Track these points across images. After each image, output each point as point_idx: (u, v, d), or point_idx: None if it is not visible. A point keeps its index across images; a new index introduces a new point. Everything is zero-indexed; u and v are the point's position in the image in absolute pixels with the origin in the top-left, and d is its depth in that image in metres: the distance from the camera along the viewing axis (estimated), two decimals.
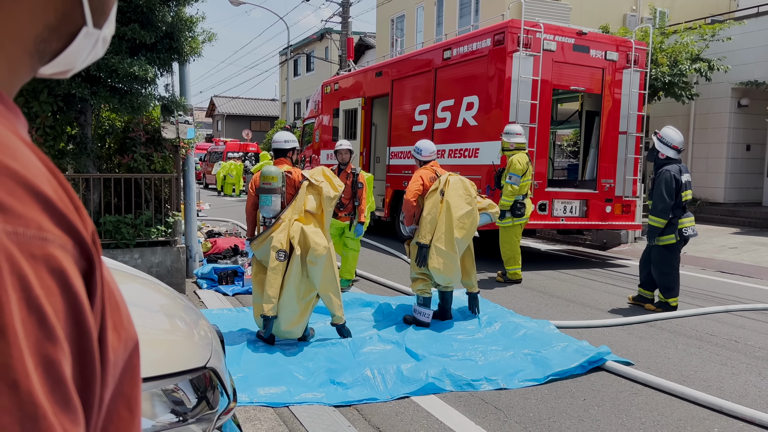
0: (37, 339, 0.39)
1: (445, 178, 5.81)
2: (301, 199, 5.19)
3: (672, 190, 6.44)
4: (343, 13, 22.54)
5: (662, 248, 6.63)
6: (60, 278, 0.42)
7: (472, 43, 9.84)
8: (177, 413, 1.87)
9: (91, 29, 0.52)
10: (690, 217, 6.62)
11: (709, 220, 14.43)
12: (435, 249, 5.58)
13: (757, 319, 6.37)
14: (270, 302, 4.96)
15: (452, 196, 5.65)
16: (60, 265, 0.42)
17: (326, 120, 14.85)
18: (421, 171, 6.07)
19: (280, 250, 5.02)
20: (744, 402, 4.15)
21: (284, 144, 5.88)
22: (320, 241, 5.01)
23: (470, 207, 5.66)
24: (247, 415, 3.80)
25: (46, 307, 0.40)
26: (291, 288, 4.99)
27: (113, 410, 0.50)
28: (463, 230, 5.59)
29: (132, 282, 2.61)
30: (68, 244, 0.44)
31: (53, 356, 0.40)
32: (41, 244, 0.41)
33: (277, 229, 5.09)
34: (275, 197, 5.49)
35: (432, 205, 5.70)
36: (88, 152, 6.73)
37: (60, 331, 0.41)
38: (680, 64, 13.08)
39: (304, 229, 5.02)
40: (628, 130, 10.05)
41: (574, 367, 4.66)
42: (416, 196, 5.88)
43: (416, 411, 4.02)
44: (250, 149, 28.57)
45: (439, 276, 5.65)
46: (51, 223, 0.43)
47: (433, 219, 5.66)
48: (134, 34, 6.04)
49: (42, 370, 0.39)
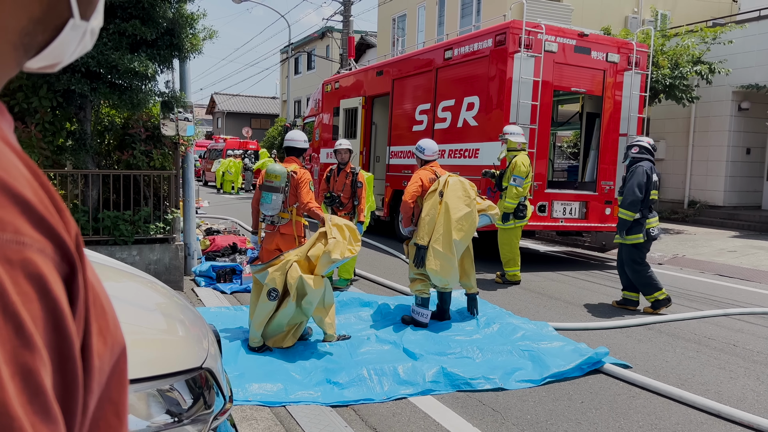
0: (14, 347, 0.38)
1: (444, 179, 5.77)
2: (310, 243, 4.93)
3: (643, 185, 6.53)
4: (344, 12, 22.53)
5: (631, 247, 6.71)
6: (38, 284, 0.41)
7: (474, 44, 9.82)
8: (172, 414, 1.85)
9: (78, 21, 0.50)
10: (656, 217, 6.72)
11: (709, 223, 14.42)
12: (433, 250, 5.56)
13: (756, 323, 6.36)
14: (255, 335, 4.92)
15: (451, 197, 5.62)
16: (38, 270, 0.41)
17: (326, 118, 14.84)
18: (421, 172, 6.04)
19: (273, 288, 4.82)
20: (742, 406, 4.13)
21: (302, 144, 5.81)
22: (316, 287, 4.75)
23: (469, 209, 5.63)
24: (244, 415, 3.78)
25: (23, 314, 0.39)
26: (281, 320, 4.94)
27: (100, 416, 0.49)
28: (461, 232, 5.57)
29: (128, 280, 2.59)
30: (48, 248, 0.43)
31: (31, 365, 0.38)
32: (18, 248, 0.40)
33: (277, 266, 4.88)
34: (276, 196, 5.46)
35: (431, 206, 5.68)
36: (87, 148, 6.71)
37: (38, 339, 0.39)
38: (681, 67, 13.06)
39: (303, 278, 4.70)
40: (629, 132, 10.03)
41: (571, 368, 4.65)
42: (414, 197, 5.85)
43: (413, 412, 4.00)
44: (250, 147, 28.53)
45: (437, 277, 5.63)
46: (29, 227, 0.41)
47: (431, 220, 5.63)
48: (135, 30, 6.02)
49: (19, 379, 0.37)
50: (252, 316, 5.04)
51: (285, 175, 5.49)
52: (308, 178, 5.60)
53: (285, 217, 5.61)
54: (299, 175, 5.56)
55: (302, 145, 5.77)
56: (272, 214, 5.54)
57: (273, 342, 5.02)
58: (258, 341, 4.94)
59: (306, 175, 5.60)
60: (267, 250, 5.67)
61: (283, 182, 5.47)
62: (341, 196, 7.49)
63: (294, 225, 5.63)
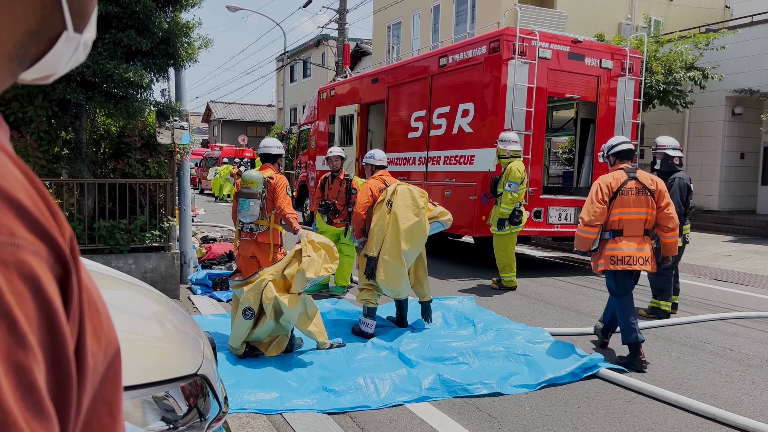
0: (8, 345, 0.39)
1: (392, 188, 5.68)
2: (285, 261, 4.79)
3: (686, 198, 6.59)
4: (339, 20, 22.61)
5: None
6: (32, 284, 0.42)
7: (468, 51, 9.87)
8: (167, 420, 1.86)
9: (71, 34, 0.51)
10: (688, 225, 6.79)
11: (704, 228, 14.48)
12: (382, 261, 5.50)
13: (751, 327, 6.38)
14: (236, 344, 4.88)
15: (400, 206, 5.52)
16: (32, 272, 0.42)
17: (322, 126, 14.87)
18: (370, 182, 6.01)
19: (249, 307, 4.72)
20: (737, 410, 4.15)
21: (276, 150, 5.87)
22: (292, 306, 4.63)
23: (417, 218, 5.50)
24: (240, 423, 3.78)
25: (17, 313, 0.40)
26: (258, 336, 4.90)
27: (94, 416, 0.50)
28: (410, 242, 5.47)
29: (124, 288, 2.60)
30: (42, 250, 0.44)
31: (24, 363, 0.40)
32: (13, 250, 0.41)
33: (252, 284, 4.76)
34: (253, 202, 5.44)
35: (379, 216, 5.61)
36: (82, 157, 6.71)
37: (32, 338, 0.41)
38: (675, 73, 13.15)
39: (278, 298, 4.59)
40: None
41: (567, 373, 4.67)
42: (365, 208, 5.80)
43: (410, 418, 4.00)
44: (246, 155, 28.54)
45: (387, 288, 5.60)
46: (24, 230, 0.43)
47: (380, 231, 5.56)
48: (130, 40, 6.04)
49: (12, 376, 0.39)
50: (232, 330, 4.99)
51: (261, 180, 5.50)
52: (285, 183, 5.63)
53: (263, 224, 5.60)
54: (276, 180, 5.58)
55: (276, 151, 5.84)
56: (250, 221, 5.53)
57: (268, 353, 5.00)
58: (239, 350, 4.91)
59: (282, 180, 5.63)
60: (243, 257, 5.66)
61: (260, 188, 5.47)
62: (336, 203, 7.51)
63: (271, 233, 5.62)
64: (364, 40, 30.02)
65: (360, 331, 5.72)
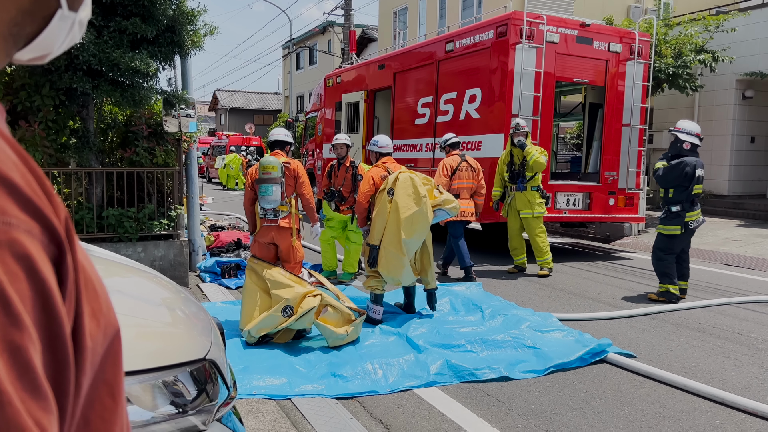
0: (2, 325, 0.39)
1: (394, 176, 5.61)
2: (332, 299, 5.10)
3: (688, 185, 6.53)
4: (345, 6, 22.48)
5: (665, 236, 6.72)
6: (26, 263, 0.41)
7: (475, 36, 9.79)
8: (177, 405, 1.88)
9: (66, 12, 0.51)
10: (697, 211, 6.70)
11: (713, 212, 14.37)
12: (384, 250, 5.50)
13: (761, 312, 6.35)
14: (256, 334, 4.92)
15: (401, 195, 5.47)
16: (25, 251, 0.42)
17: (329, 113, 14.83)
18: (373, 170, 5.97)
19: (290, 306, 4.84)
20: (746, 394, 4.14)
21: (284, 137, 5.95)
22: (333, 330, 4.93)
23: (418, 207, 5.43)
24: (249, 408, 3.81)
25: (11, 292, 0.39)
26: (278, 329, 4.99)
27: (95, 397, 0.49)
28: (411, 231, 5.43)
29: (133, 275, 2.62)
30: (35, 229, 0.43)
31: (19, 342, 0.39)
32: (5, 228, 0.41)
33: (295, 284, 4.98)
34: (275, 187, 5.48)
35: (381, 205, 5.58)
36: (90, 146, 6.74)
37: (26, 317, 0.40)
38: (684, 56, 12.99)
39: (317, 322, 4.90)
40: (632, 122, 10.00)
41: (575, 358, 4.67)
42: (367, 197, 5.79)
43: (418, 403, 4.02)
44: (253, 143, 28.54)
45: (388, 277, 5.61)
46: (17, 209, 0.42)
47: (382, 219, 5.53)
48: (135, 28, 6.03)
49: (8, 356, 0.38)
50: (245, 315, 5.00)
51: (280, 166, 5.56)
52: (304, 170, 5.78)
53: (284, 209, 5.62)
54: (293, 165, 5.68)
55: (285, 138, 5.95)
56: (273, 207, 5.56)
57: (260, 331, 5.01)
58: (255, 339, 4.94)
59: (301, 165, 5.78)
60: (260, 243, 5.67)
61: (279, 173, 5.53)
62: (342, 190, 7.52)
63: (293, 217, 5.67)
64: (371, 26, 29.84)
65: (368, 317, 5.74)
